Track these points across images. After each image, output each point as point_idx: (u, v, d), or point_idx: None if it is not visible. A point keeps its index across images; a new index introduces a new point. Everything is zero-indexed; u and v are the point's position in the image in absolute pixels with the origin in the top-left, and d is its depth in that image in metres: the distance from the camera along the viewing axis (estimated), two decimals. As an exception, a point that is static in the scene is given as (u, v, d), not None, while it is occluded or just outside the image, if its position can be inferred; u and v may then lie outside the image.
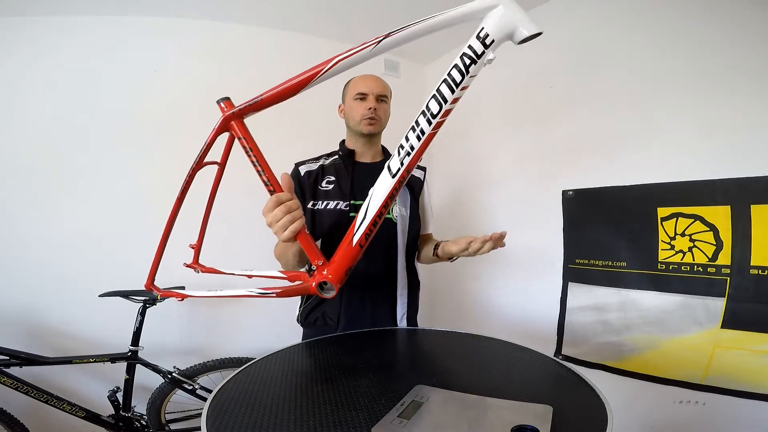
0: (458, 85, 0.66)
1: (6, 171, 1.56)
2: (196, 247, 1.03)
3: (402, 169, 0.71)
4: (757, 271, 1.20)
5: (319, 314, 1.09)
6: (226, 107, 0.74)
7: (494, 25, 0.63)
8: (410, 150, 0.70)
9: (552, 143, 1.76)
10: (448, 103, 0.67)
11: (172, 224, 0.85)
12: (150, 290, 0.92)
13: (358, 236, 0.73)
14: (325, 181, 1.12)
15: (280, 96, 0.70)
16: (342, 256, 0.74)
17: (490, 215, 2.03)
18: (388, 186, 0.72)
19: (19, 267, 1.57)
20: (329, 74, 0.68)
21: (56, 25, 1.62)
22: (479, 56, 0.64)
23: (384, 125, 1.16)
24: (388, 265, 1.11)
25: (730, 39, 1.25)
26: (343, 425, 0.54)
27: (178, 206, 0.83)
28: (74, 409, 1.37)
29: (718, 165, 1.28)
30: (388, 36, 0.65)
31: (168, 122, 1.74)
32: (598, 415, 0.55)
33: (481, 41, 0.64)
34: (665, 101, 1.40)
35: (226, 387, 0.68)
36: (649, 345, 1.42)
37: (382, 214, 0.73)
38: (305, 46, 2.00)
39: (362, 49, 0.66)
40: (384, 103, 1.14)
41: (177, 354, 1.73)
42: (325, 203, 1.08)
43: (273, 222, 0.71)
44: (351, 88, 1.14)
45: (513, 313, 1.92)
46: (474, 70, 0.65)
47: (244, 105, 0.72)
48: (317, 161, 1.16)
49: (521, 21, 0.62)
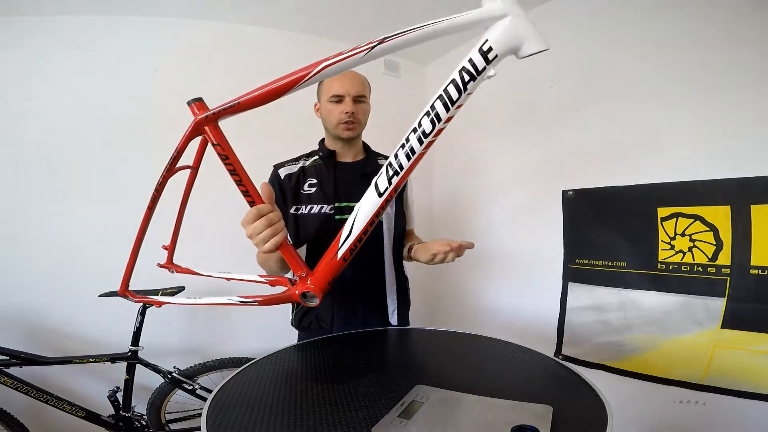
0: (454, 103, 0.62)
1: (6, 171, 1.57)
2: (169, 248, 1.01)
3: (390, 188, 0.68)
4: (757, 271, 1.20)
5: (312, 318, 1.08)
6: (198, 110, 0.68)
7: (499, 37, 0.58)
8: (399, 170, 0.67)
9: (552, 143, 1.75)
10: (442, 122, 0.63)
11: (145, 230, 0.83)
12: (125, 296, 0.91)
13: (342, 251, 0.71)
14: (307, 184, 1.08)
15: (259, 100, 0.64)
16: (325, 269, 0.73)
17: (491, 215, 2.03)
18: (375, 204, 0.69)
19: (19, 267, 1.57)
20: (315, 79, 0.63)
21: (55, 25, 1.62)
22: (479, 72, 0.60)
23: (364, 126, 1.11)
24: (376, 264, 1.09)
25: (729, 39, 1.25)
26: (343, 425, 0.54)
27: (149, 214, 0.81)
28: (74, 409, 1.37)
29: (718, 165, 1.28)
30: (383, 42, 0.60)
31: (168, 122, 1.73)
32: (598, 415, 0.55)
33: (483, 55, 0.59)
34: (665, 101, 1.40)
35: (226, 387, 0.68)
36: (649, 345, 1.42)
37: (367, 231, 0.71)
38: (305, 46, 2.00)
39: (353, 54, 0.61)
40: (362, 103, 1.07)
41: (177, 354, 1.73)
42: (308, 207, 1.05)
43: (254, 234, 0.69)
44: (325, 88, 1.06)
45: (513, 313, 1.92)
46: (472, 88, 0.61)
47: (218, 108, 0.66)
48: (297, 163, 1.11)
49: (529, 35, 0.58)
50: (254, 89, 0.64)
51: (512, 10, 0.58)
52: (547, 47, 0.58)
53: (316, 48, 2.01)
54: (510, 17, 0.58)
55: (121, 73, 1.70)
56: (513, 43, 0.59)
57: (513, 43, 0.59)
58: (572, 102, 1.67)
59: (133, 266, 0.88)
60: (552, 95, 1.74)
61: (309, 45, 2.01)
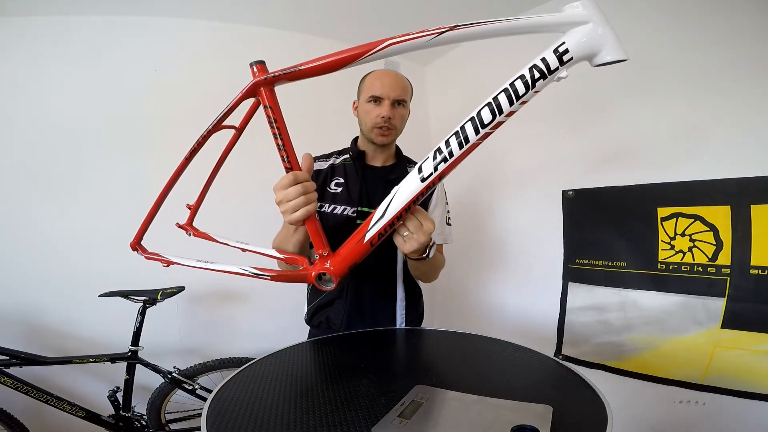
0: (519, 98, 0.60)
1: (6, 171, 1.56)
2: (193, 207, 0.95)
3: (434, 174, 0.65)
4: (757, 271, 1.20)
5: (323, 318, 1.08)
6: (258, 71, 0.68)
7: (578, 42, 0.57)
8: (448, 156, 0.64)
9: (552, 143, 1.76)
10: (503, 115, 0.61)
11: (173, 184, 0.79)
12: (136, 249, 0.88)
13: (371, 234, 0.69)
14: (334, 182, 1.07)
15: (320, 70, 0.64)
16: (349, 251, 0.70)
17: (490, 215, 2.03)
18: (414, 189, 0.66)
19: (19, 267, 1.56)
20: (378, 56, 0.61)
21: (56, 25, 1.62)
22: (551, 72, 0.59)
23: (399, 133, 1.08)
24: (389, 274, 1.09)
25: (729, 38, 1.25)
26: (343, 425, 0.54)
27: (183, 165, 0.78)
28: (74, 409, 1.37)
29: (718, 165, 1.28)
30: (453, 29, 0.58)
31: (168, 122, 1.74)
32: (598, 415, 0.55)
33: (558, 56, 0.58)
34: (665, 101, 1.40)
35: (226, 387, 0.68)
36: (649, 345, 1.42)
37: (401, 216, 0.68)
38: (305, 46, 2.00)
39: (419, 36, 0.60)
40: (402, 107, 1.04)
41: (177, 354, 1.73)
42: (332, 207, 1.04)
43: (284, 200, 0.67)
44: (366, 86, 1.05)
45: (513, 313, 1.92)
46: (540, 86, 0.60)
47: (278, 72, 0.66)
48: (328, 159, 1.11)
49: (609, 43, 0.57)
50: (316, 58, 0.64)
51: (595, 16, 0.57)
52: (626, 57, 0.57)
53: (316, 48, 1.99)
54: (592, 23, 0.57)
55: (121, 73, 1.70)
56: (591, 49, 0.58)
57: (591, 48, 0.58)
58: (572, 102, 1.67)
59: (151, 220, 0.85)
60: (552, 95, 1.74)
61: (309, 45, 2.01)
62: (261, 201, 0.66)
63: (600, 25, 0.57)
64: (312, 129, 1.57)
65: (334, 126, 1.45)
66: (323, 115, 1.93)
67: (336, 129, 1.30)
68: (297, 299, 1.19)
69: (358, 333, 1.02)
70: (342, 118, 1.33)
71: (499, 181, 2.00)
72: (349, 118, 1.16)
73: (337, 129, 1.30)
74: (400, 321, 1.12)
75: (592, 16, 0.57)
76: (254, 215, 1.52)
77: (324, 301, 1.08)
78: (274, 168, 0.76)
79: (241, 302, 1.85)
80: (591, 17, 0.57)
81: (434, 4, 1.73)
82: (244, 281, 0.82)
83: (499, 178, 1.99)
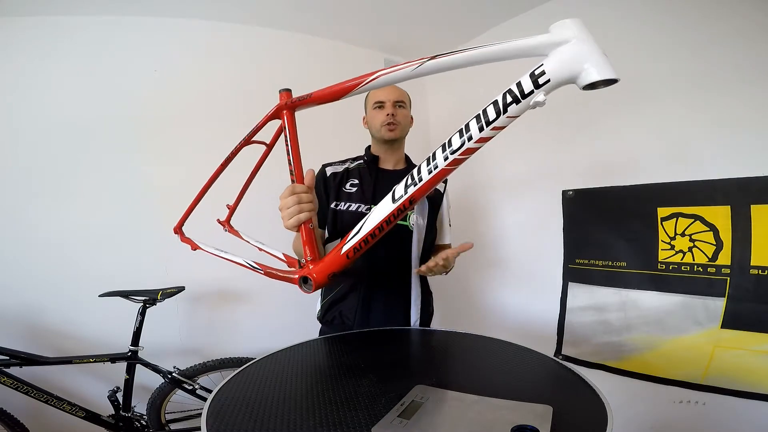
0: (489, 123, 0.58)
1: (6, 171, 1.56)
2: (231, 207, 1.17)
3: (404, 197, 0.68)
4: (757, 271, 1.20)
5: (336, 313, 1.12)
6: (283, 98, 0.82)
7: (557, 63, 0.53)
8: (417, 181, 0.66)
9: (552, 143, 1.76)
10: (472, 141, 0.59)
11: (211, 184, 0.99)
12: (176, 233, 1.13)
13: (347, 247, 0.74)
14: (349, 183, 1.17)
15: (325, 97, 0.76)
16: (329, 261, 0.76)
17: (490, 216, 2.03)
18: (387, 210, 0.70)
19: (19, 267, 1.56)
20: (370, 86, 0.70)
21: (56, 25, 1.62)
22: (525, 96, 0.55)
23: (405, 130, 1.20)
24: (403, 272, 1.14)
25: (729, 39, 1.25)
26: (343, 425, 0.54)
27: (219, 172, 0.97)
28: (74, 409, 1.37)
29: (718, 165, 1.28)
30: (434, 58, 0.62)
31: (168, 122, 1.74)
32: (598, 415, 0.55)
33: (533, 78, 0.54)
34: (665, 101, 1.40)
35: (226, 387, 0.68)
36: (649, 345, 1.42)
37: (374, 234, 0.72)
38: (305, 46, 2.00)
39: (404, 67, 0.65)
40: (402, 108, 1.19)
41: (177, 354, 1.73)
42: (347, 205, 1.13)
43: (283, 208, 0.76)
44: (370, 99, 1.21)
45: (513, 313, 1.92)
46: (514, 111, 0.56)
47: (295, 99, 0.80)
48: (343, 164, 1.22)
49: (593, 62, 0.51)
50: (324, 88, 0.76)
51: (576, 34, 0.52)
52: (614, 76, 0.51)
53: (315, 48, 2.01)
54: (572, 42, 0.52)
55: (121, 72, 1.70)
56: (572, 70, 0.52)
57: (572, 69, 0.52)
58: (572, 102, 1.67)
59: (191, 211, 1.07)
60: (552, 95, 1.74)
61: (309, 45, 2.01)
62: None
63: (581, 43, 0.52)
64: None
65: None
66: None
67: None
68: (297, 299, 1.19)
69: (359, 333, 1.02)
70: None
71: (499, 181, 2.00)
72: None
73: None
74: (414, 319, 1.15)
75: (574, 35, 0.52)
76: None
77: (338, 295, 1.13)
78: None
79: (241, 302, 1.85)
80: (572, 36, 0.52)
81: (434, 4, 1.75)
82: (243, 281, 0.85)
83: (500, 179, 2.00)
